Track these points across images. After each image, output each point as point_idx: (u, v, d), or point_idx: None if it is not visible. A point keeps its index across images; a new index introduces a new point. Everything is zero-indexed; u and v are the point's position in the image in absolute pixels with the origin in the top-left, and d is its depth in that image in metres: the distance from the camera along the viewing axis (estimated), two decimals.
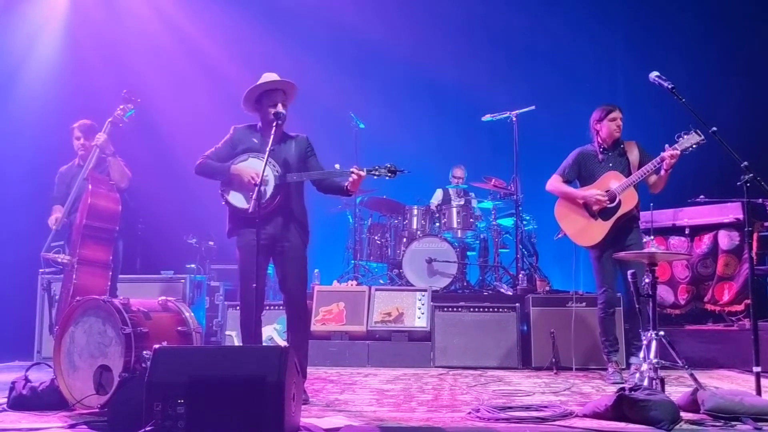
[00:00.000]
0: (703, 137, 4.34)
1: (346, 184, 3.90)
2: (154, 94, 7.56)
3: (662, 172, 4.54)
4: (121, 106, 4.72)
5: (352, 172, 3.81)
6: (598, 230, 4.72)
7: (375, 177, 3.85)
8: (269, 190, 3.87)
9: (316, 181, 4.05)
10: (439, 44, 8.76)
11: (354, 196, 7.05)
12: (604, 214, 4.70)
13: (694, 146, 4.39)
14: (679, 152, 4.41)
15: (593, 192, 4.72)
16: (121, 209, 4.83)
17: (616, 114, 4.77)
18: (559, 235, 5.07)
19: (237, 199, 3.93)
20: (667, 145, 4.45)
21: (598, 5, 8.64)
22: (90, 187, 4.46)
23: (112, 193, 4.57)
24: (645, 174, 4.59)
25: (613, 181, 4.70)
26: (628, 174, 4.71)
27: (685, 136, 4.41)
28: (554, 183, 4.93)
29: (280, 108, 3.92)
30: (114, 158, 4.69)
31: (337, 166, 4.01)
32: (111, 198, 4.54)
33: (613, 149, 4.82)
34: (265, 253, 3.94)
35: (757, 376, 3.48)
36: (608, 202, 4.68)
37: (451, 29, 8.81)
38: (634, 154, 4.77)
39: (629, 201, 4.65)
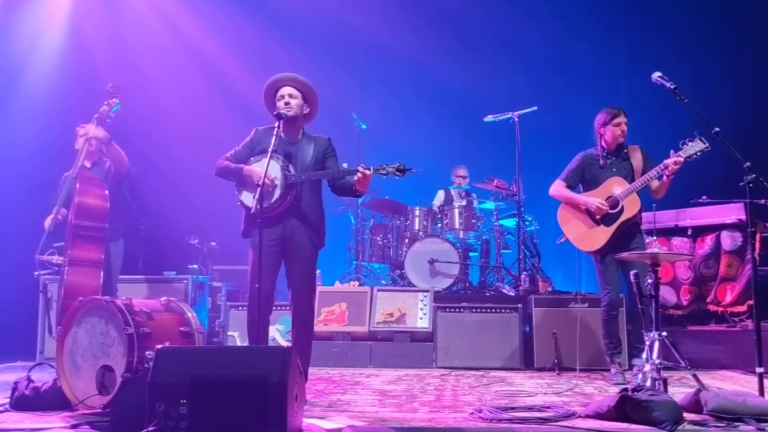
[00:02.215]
0: (707, 145, 4.31)
1: (354, 185, 3.88)
2: (157, 94, 7.58)
3: (664, 178, 4.53)
4: (107, 102, 4.67)
5: (358, 171, 3.78)
6: (600, 236, 4.71)
7: (383, 176, 3.78)
8: (278, 190, 3.86)
9: (331, 182, 4.03)
10: (442, 45, 8.76)
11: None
12: (607, 220, 4.70)
13: (698, 153, 4.36)
14: (682, 159, 4.38)
15: (594, 200, 4.72)
16: (119, 208, 4.83)
17: (621, 119, 4.73)
18: (562, 240, 5.06)
19: (248, 199, 3.92)
20: (672, 151, 4.43)
21: (600, 5, 8.64)
22: (78, 185, 4.46)
23: (101, 191, 4.52)
24: (648, 181, 4.58)
25: (617, 186, 4.69)
26: (631, 179, 4.70)
27: (690, 143, 4.37)
28: (557, 188, 4.92)
29: (286, 107, 3.92)
30: (109, 145, 4.67)
31: (345, 165, 3.99)
32: (99, 195, 4.50)
33: (617, 154, 4.80)
34: (277, 254, 3.93)
35: (760, 376, 3.47)
36: (610, 209, 4.67)
37: (453, 30, 8.81)
38: (637, 159, 4.76)
39: (632, 207, 4.64)
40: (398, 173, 3.75)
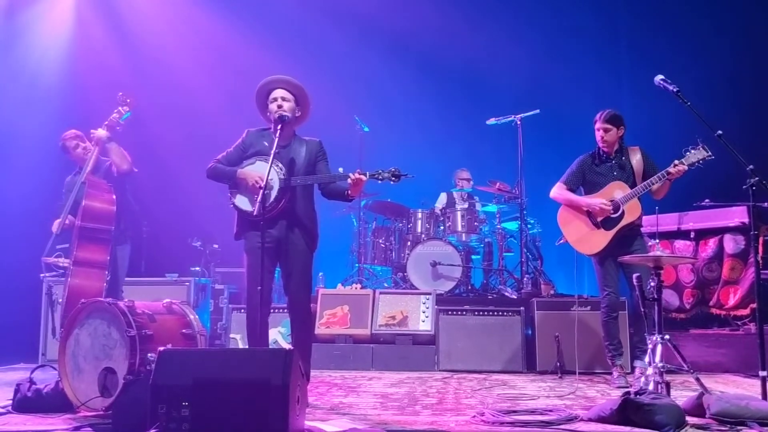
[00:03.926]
0: (710, 153, 4.30)
1: (346, 189, 3.88)
2: (158, 99, 7.59)
3: (665, 181, 4.52)
4: (117, 110, 4.74)
5: (352, 176, 3.78)
6: (599, 239, 4.70)
7: (379, 181, 3.81)
8: (273, 193, 3.87)
9: (321, 185, 4.03)
10: (443, 48, 8.76)
11: (358, 199, 7.07)
12: (607, 223, 4.69)
13: (700, 162, 4.35)
14: (686, 168, 4.37)
15: (598, 200, 4.71)
16: (126, 212, 4.86)
17: (598, 125, 4.76)
18: (561, 241, 5.06)
19: (243, 202, 3.93)
20: (676, 161, 4.41)
21: (602, 8, 8.64)
22: (86, 190, 4.52)
23: (109, 195, 4.59)
24: (649, 186, 4.56)
25: (618, 191, 4.69)
26: (632, 182, 4.69)
27: (692, 151, 4.36)
28: (558, 191, 4.91)
29: (280, 109, 3.91)
30: (109, 143, 4.71)
31: (340, 169, 3.99)
32: (106, 199, 4.57)
33: (616, 157, 4.79)
34: (272, 256, 3.93)
35: (763, 380, 3.47)
36: (612, 211, 4.67)
37: (455, 33, 8.81)
38: (636, 160, 4.75)
39: (633, 212, 4.64)
40: (394, 179, 3.78)
